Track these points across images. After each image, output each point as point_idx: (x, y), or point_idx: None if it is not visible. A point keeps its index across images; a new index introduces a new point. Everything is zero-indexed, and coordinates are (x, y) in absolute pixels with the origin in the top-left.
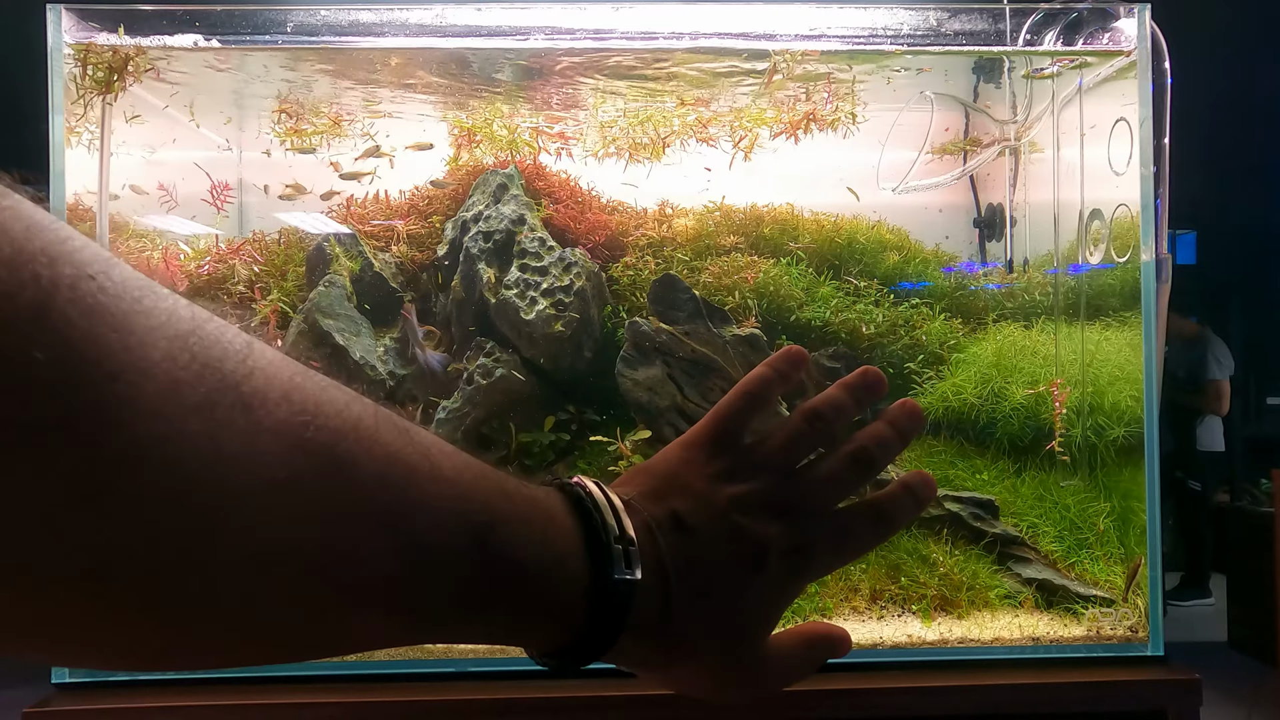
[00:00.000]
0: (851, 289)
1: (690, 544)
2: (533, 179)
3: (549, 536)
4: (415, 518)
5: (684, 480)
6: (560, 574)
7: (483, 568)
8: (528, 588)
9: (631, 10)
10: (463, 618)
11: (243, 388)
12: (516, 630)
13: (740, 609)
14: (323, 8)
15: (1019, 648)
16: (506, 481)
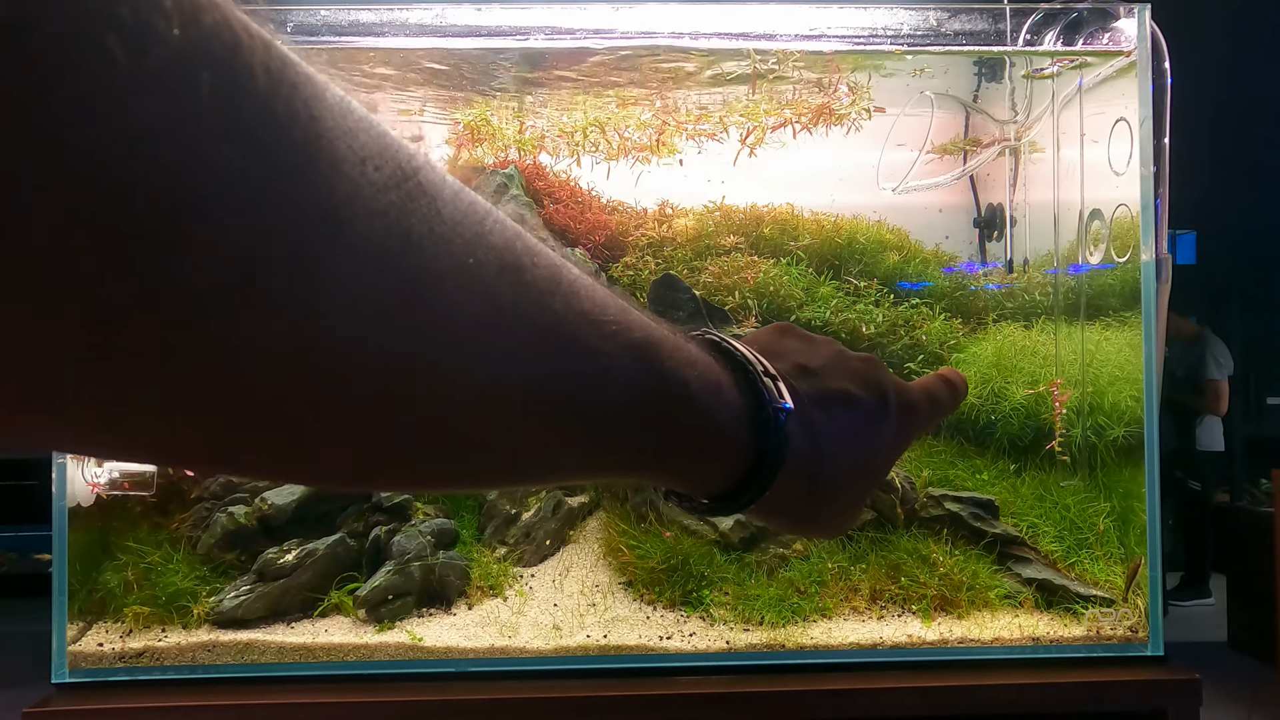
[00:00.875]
0: (851, 289)
1: (819, 386)
2: (533, 179)
3: (705, 361)
4: (583, 328)
5: (787, 344)
6: (720, 399)
7: (651, 381)
8: (694, 407)
9: (631, 10)
10: (638, 436)
11: (420, 176)
12: (689, 455)
13: (873, 447)
14: (323, 8)
15: (1019, 648)
16: (640, 309)
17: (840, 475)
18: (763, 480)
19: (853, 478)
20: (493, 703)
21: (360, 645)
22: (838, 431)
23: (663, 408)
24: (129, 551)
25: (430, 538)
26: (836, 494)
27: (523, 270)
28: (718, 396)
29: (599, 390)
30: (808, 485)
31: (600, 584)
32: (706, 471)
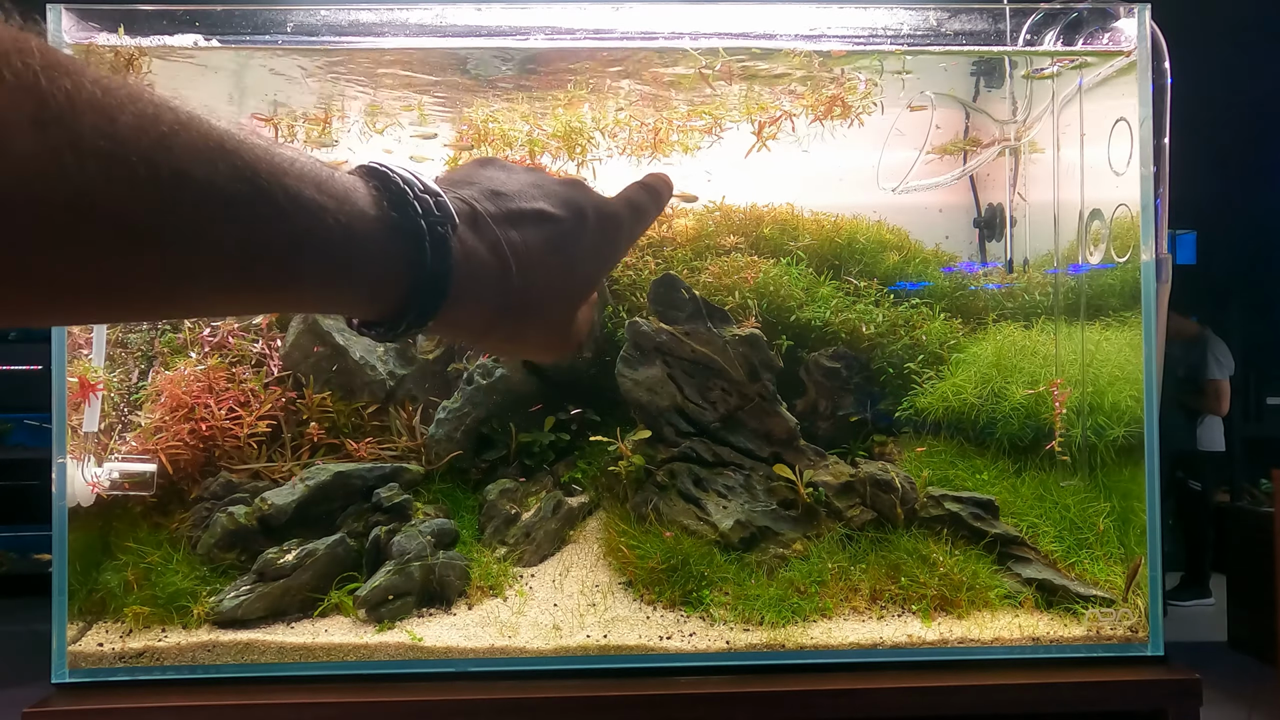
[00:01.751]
0: (851, 289)
1: (509, 206)
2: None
3: (334, 180)
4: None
5: (489, 171)
6: (351, 209)
7: (243, 196)
8: (311, 223)
9: (631, 10)
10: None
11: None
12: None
13: (572, 257)
14: (323, 8)
15: (1019, 648)
16: (271, 141)
17: (537, 289)
18: (429, 292)
19: (552, 291)
20: (493, 703)
21: (360, 645)
22: (528, 247)
23: (268, 218)
24: (129, 551)
25: (430, 538)
26: (536, 309)
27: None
28: (345, 206)
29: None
30: (497, 299)
31: (600, 584)
32: (358, 288)
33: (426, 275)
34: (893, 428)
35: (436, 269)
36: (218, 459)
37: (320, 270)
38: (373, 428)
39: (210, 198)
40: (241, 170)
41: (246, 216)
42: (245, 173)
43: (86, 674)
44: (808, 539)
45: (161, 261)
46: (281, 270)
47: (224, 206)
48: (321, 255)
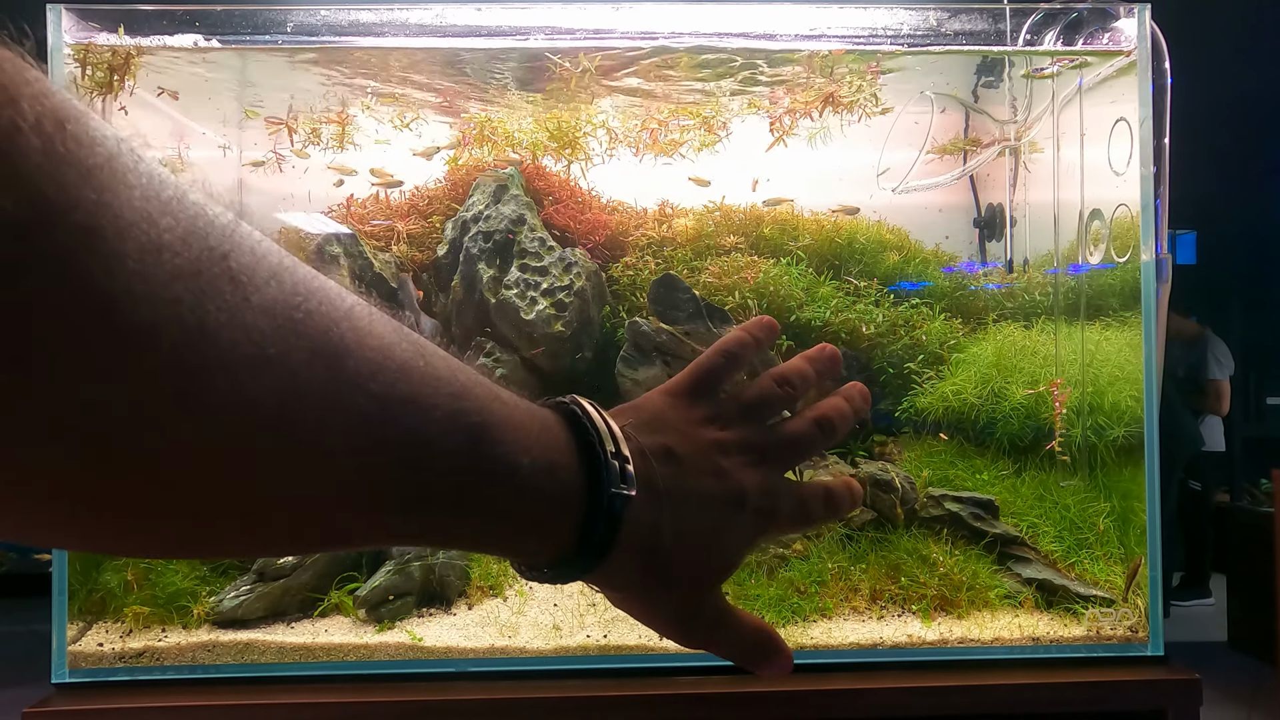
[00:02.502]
0: (851, 289)
1: (679, 474)
2: (533, 179)
3: (544, 444)
4: (407, 412)
5: (671, 419)
6: (554, 482)
7: (476, 468)
8: (523, 493)
9: (631, 10)
10: (455, 519)
11: (229, 261)
12: (509, 537)
13: (720, 543)
14: (323, 8)
15: (1019, 648)
16: (501, 389)
17: (681, 563)
18: (587, 560)
19: (694, 570)
20: (493, 703)
21: (360, 645)
22: (683, 521)
23: (487, 493)
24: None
25: None
26: (670, 582)
27: (340, 356)
28: (551, 480)
29: (416, 474)
30: (642, 569)
31: None
32: (533, 546)
33: (591, 547)
34: (893, 428)
35: (603, 544)
36: None
37: (500, 545)
38: None
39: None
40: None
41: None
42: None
43: (86, 674)
44: (808, 539)
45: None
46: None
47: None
48: (519, 536)
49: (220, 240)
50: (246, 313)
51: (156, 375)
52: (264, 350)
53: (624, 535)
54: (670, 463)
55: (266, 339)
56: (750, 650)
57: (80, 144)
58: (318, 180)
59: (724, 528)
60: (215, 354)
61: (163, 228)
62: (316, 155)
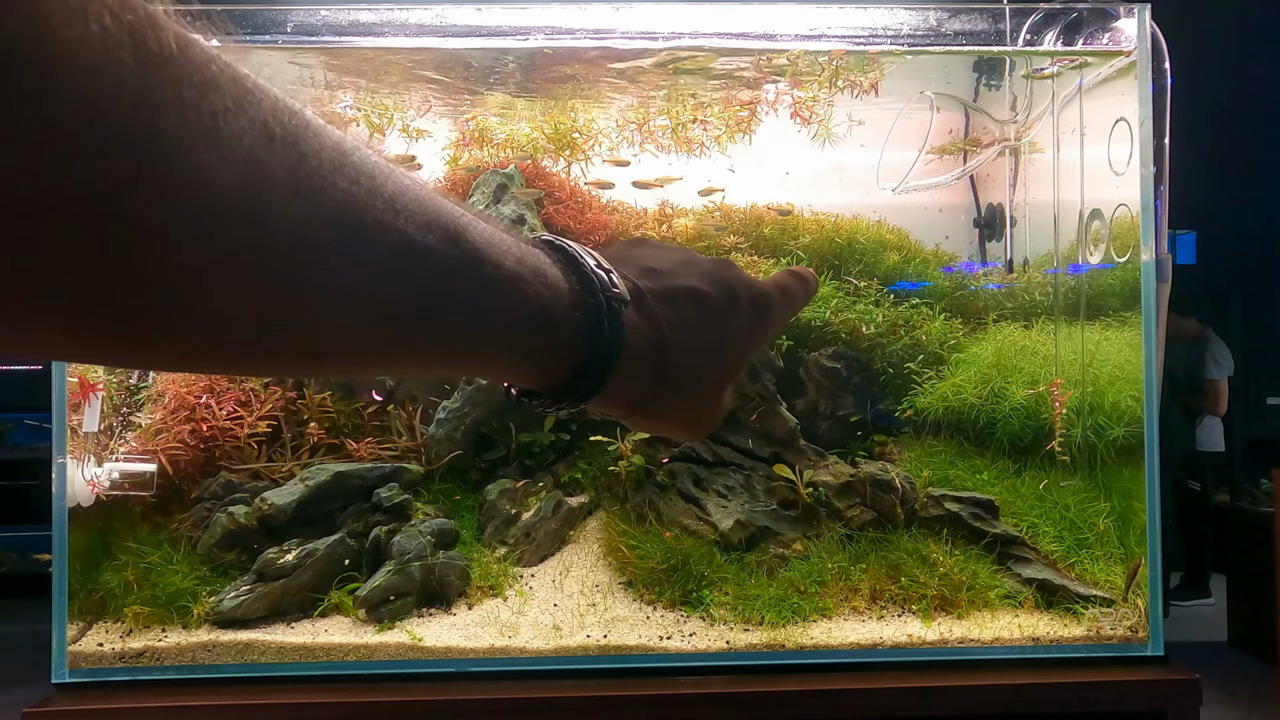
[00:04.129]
0: (851, 289)
1: (665, 284)
2: (533, 179)
3: (526, 252)
4: (376, 208)
5: (641, 250)
6: (543, 282)
7: (458, 264)
8: (511, 286)
9: (631, 10)
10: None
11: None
12: (513, 339)
13: (725, 338)
14: (323, 8)
15: (1019, 648)
16: (463, 205)
17: (690, 366)
18: (599, 366)
19: (704, 369)
20: (493, 703)
21: (360, 645)
22: (684, 324)
23: (475, 289)
24: (129, 551)
25: (430, 538)
26: (688, 385)
27: (304, 150)
28: (540, 280)
29: (398, 269)
30: (654, 374)
31: (600, 584)
32: (540, 360)
33: (601, 351)
34: (893, 428)
35: (611, 345)
36: (218, 459)
37: (509, 343)
38: (373, 428)
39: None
40: (451, 234)
41: (469, 302)
42: (454, 238)
43: (86, 674)
44: (808, 539)
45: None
46: (473, 339)
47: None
48: (517, 329)
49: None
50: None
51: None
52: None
53: (627, 343)
54: (653, 276)
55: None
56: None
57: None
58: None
59: (723, 323)
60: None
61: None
62: None
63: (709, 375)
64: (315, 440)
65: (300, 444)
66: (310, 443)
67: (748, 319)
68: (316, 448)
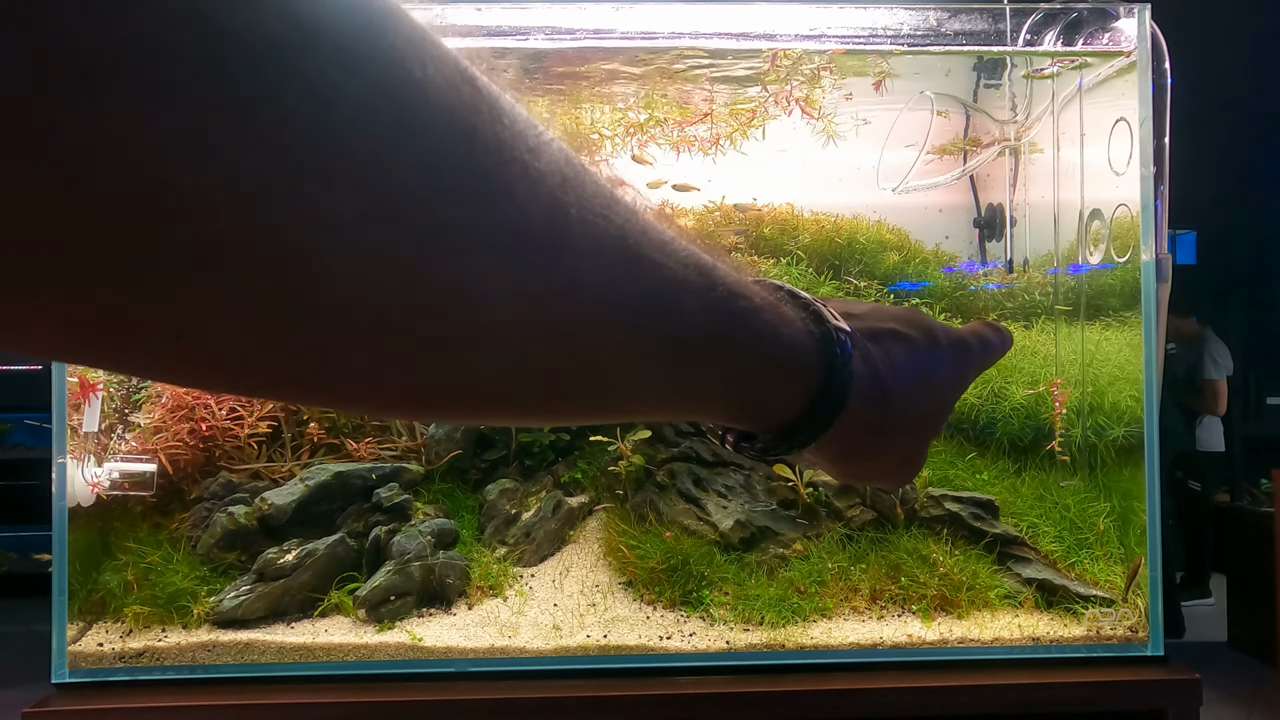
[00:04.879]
0: (851, 289)
1: (868, 325)
2: None
3: (760, 285)
4: (646, 243)
5: (832, 301)
6: (783, 316)
7: (714, 294)
8: (761, 319)
9: (631, 10)
10: (709, 351)
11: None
12: (758, 378)
13: (936, 381)
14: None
15: (1019, 648)
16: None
17: (907, 409)
18: (828, 410)
19: (919, 413)
20: (493, 703)
21: (360, 645)
22: (896, 365)
23: (730, 320)
24: (129, 551)
25: (430, 538)
26: (903, 430)
27: (584, 184)
28: (779, 314)
29: (670, 302)
30: (876, 419)
31: (600, 584)
32: (773, 398)
33: (837, 385)
34: None
35: (844, 378)
36: (218, 459)
37: (754, 376)
38: (373, 428)
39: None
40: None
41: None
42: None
43: (86, 674)
44: (808, 539)
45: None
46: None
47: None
48: (764, 362)
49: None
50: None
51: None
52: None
53: (854, 385)
54: (853, 319)
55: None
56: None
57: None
58: None
59: (932, 365)
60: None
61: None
62: None
63: (921, 419)
64: (315, 440)
65: (300, 444)
66: (310, 443)
67: (951, 362)
68: (316, 448)
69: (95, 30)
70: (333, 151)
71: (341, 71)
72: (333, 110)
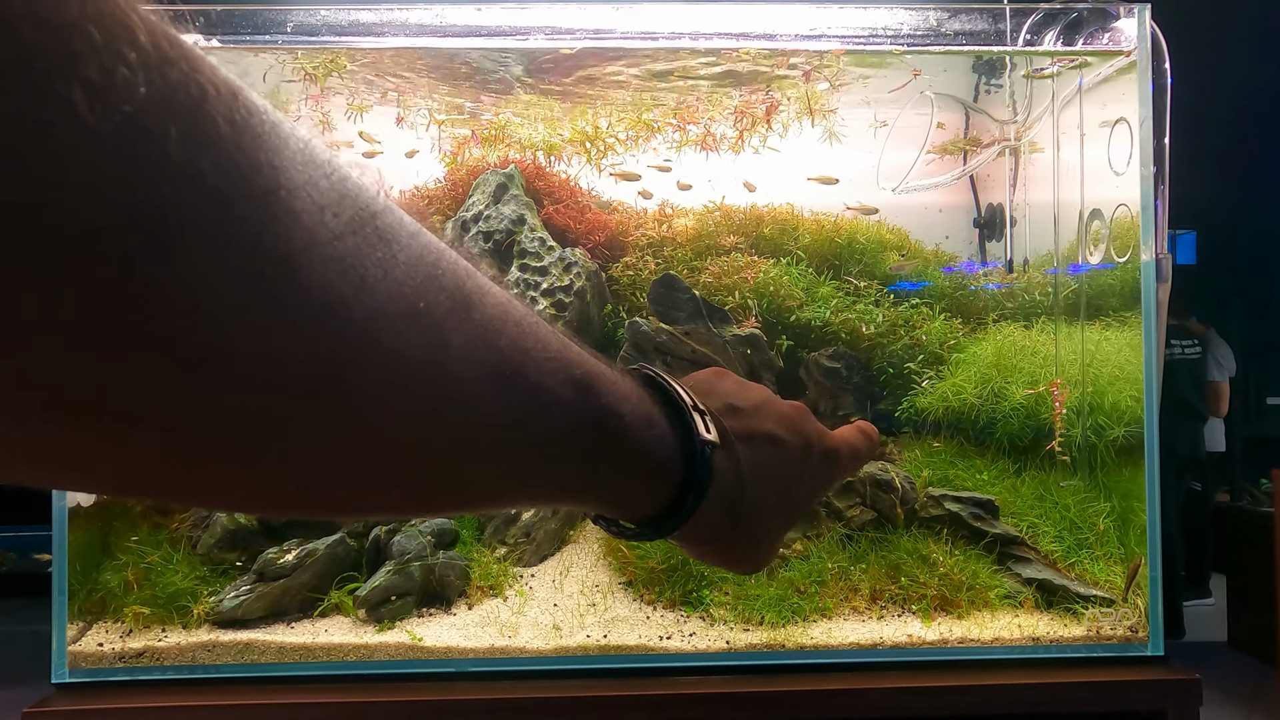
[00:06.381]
0: (851, 289)
1: (747, 425)
2: (533, 179)
3: (637, 396)
4: (527, 364)
5: (725, 384)
6: (652, 431)
7: (586, 413)
8: (628, 438)
9: (632, 10)
10: (575, 463)
11: (378, 220)
12: (622, 485)
13: (797, 485)
14: (323, 8)
15: (1019, 648)
16: (579, 345)
17: (762, 507)
18: (688, 508)
19: (773, 512)
20: (493, 703)
21: (360, 645)
22: (761, 467)
23: (599, 438)
24: (129, 551)
25: (430, 538)
26: (757, 526)
27: (472, 309)
28: (650, 429)
29: (541, 422)
30: (730, 514)
31: (600, 584)
32: (637, 498)
33: (692, 495)
34: (893, 428)
35: (700, 489)
36: None
37: (618, 486)
38: None
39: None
40: (583, 387)
41: (592, 452)
42: (586, 390)
43: (86, 674)
44: (808, 539)
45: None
46: (588, 484)
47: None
48: (627, 476)
49: (369, 201)
50: (396, 269)
51: (334, 333)
52: (414, 303)
53: (715, 481)
54: (736, 416)
55: (415, 292)
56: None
57: (251, 112)
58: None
59: (798, 469)
60: (375, 307)
61: (323, 189)
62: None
63: (775, 519)
64: None
65: None
66: None
67: (817, 470)
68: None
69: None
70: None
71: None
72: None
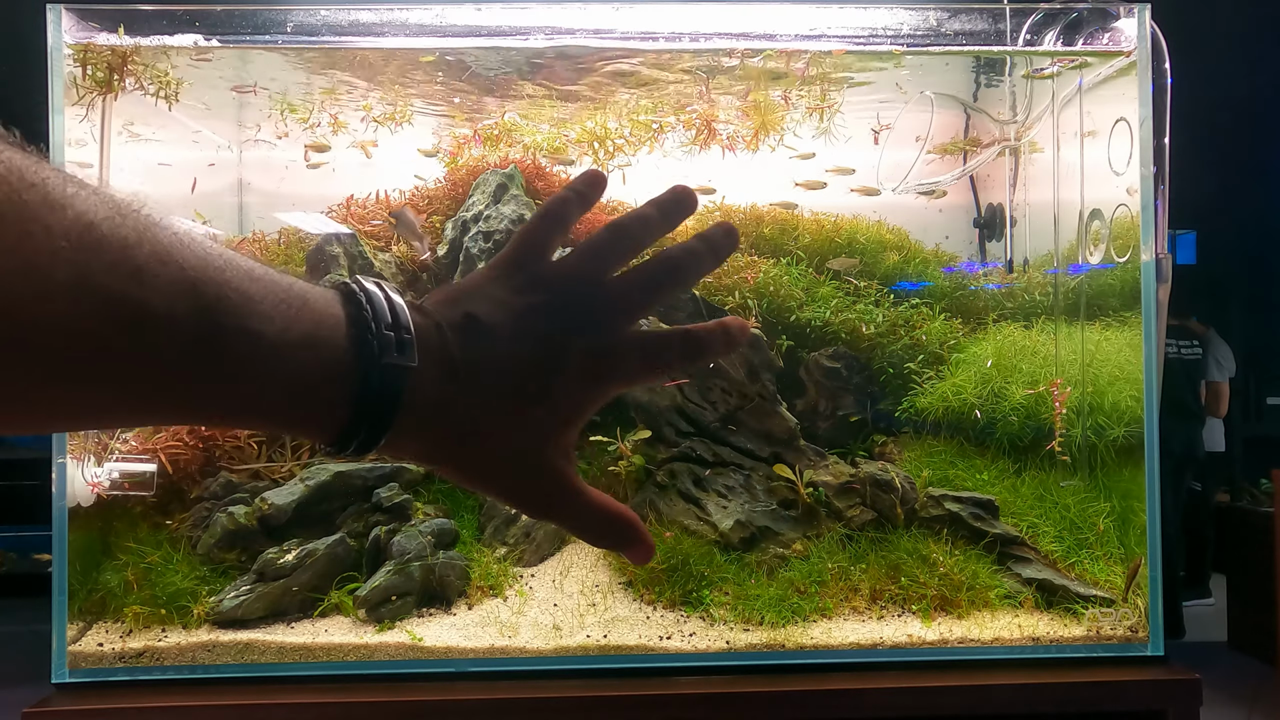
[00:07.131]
0: (851, 289)
1: (485, 341)
2: (532, 179)
3: (303, 318)
4: (117, 278)
5: (485, 291)
6: (314, 353)
7: (204, 336)
8: (264, 363)
9: (632, 10)
10: (189, 390)
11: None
12: (275, 408)
13: (538, 404)
14: (323, 8)
15: (1019, 648)
16: (260, 269)
17: (491, 429)
18: (370, 426)
19: (510, 433)
20: (493, 703)
21: (360, 645)
22: (490, 387)
23: (223, 359)
24: (129, 551)
25: (430, 538)
26: (485, 450)
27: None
28: (309, 350)
29: (139, 346)
30: (442, 437)
31: (600, 584)
32: (307, 419)
33: (367, 414)
34: (893, 428)
35: (381, 415)
36: (218, 459)
37: (264, 414)
38: None
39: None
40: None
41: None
42: (207, 309)
43: (86, 674)
44: (808, 539)
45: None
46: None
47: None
48: (270, 399)
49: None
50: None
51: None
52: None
53: (411, 407)
54: (473, 332)
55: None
56: (599, 531)
57: None
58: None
59: (542, 386)
60: None
61: None
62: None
63: (522, 435)
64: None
65: (300, 444)
66: (310, 443)
67: (578, 379)
68: (316, 448)
69: None
70: None
71: None
72: None
